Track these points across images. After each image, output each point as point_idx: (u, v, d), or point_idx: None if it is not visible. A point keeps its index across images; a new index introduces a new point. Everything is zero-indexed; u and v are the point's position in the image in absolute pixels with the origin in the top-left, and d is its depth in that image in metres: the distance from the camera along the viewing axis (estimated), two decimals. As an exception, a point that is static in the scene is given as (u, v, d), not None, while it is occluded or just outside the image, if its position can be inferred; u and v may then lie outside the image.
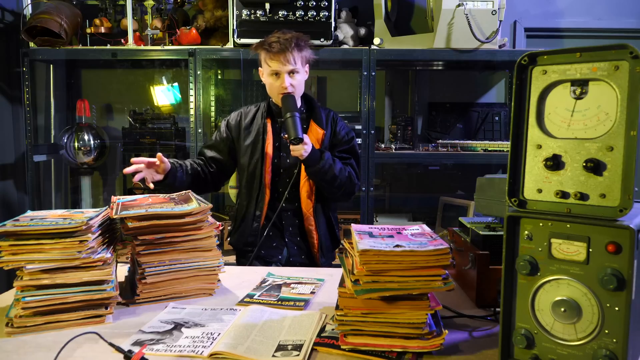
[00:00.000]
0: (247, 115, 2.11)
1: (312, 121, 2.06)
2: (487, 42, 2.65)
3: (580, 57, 0.89)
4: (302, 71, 2.01)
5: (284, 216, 2.06)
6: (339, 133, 2.10)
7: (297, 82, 1.98)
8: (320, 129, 2.05)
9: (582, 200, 0.88)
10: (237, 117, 2.12)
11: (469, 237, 1.46)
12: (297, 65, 1.95)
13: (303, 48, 1.98)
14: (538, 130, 0.94)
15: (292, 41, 1.93)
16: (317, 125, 2.05)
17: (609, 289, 0.85)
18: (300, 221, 2.07)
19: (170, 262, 1.39)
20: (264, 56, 1.98)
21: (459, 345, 1.11)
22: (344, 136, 2.11)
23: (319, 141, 2.03)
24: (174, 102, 3.29)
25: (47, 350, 1.08)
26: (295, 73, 1.97)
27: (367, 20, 2.96)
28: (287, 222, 2.07)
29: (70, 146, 3.13)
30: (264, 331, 1.15)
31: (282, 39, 1.92)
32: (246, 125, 2.08)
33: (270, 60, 1.95)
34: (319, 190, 2.04)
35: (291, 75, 1.96)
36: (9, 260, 1.19)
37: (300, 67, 1.97)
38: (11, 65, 3.15)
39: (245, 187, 2.10)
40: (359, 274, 1.06)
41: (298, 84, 1.99)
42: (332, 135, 2.09)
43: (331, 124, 2.09)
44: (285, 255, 2.09)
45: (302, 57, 1.98)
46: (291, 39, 1.93)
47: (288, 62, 1.92)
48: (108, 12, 3.03)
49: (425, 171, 3.36)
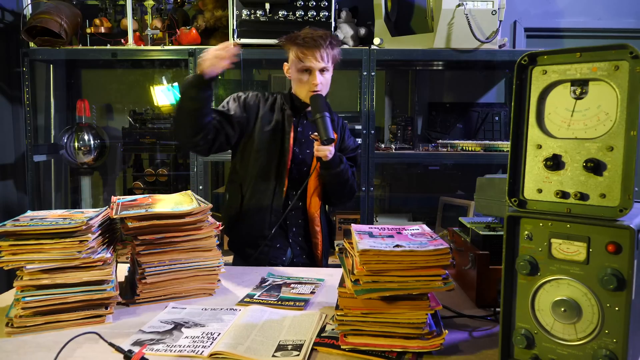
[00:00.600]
0: (267, 102, 2.01)
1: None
2: (487, 42, 2.65)
3: (580, 57, 0.89)
4: (331, 70, 1.97)
5: (288, 215, 2.01)
6: (347, 141, 2.11)
7: (326, 80, 1.95)
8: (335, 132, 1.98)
9: (582, 200, 0.88)
10: (255, 100, 2.01)
11: (469, 237, 1.46)
12: (328, 63, 1.92)
13: (335, 47, 1.94)
14: (538, 130, 0.94)
15: (327, 39, 1.89)
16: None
17: (609, 289, 0.85)
18: (304, 221, 2.03)
19: (170, 262, 1.39)
20: (295, 51, 1.90)
21: (459, 345, 1.11)
22: (350, 145, 2.12)
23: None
24: (174, 102, 3.29)
25: (47, 350, 1.08)
26: (326, 71, 1.93)
27: (367, 20, 2.95)
28: (291, 221, 2.02)
29: (70, 146, 3.13)
30: (264, 331, 1.16)
31: (316, 35, 1.88)
32: (265, 113, 1.99)
33: (302, 55, 1.88)
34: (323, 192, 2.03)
35: (322, 73, 1.92)
36: (9, 260, 1.19)
37: (330, 66, 1.94)
38: (11, 65, 3.15)
39: (258, 177, 1.97)
40: (359, 274, 1.06)
41: (327, 82, 1.96)
42: (341, 142, 2.08)
43: (340, 130, 2.08)
44: (289, 256, 2.03)
45: (333, 57, 1.94)
46: (325, 36, 1.89)
47: (322, 59, 1.88)
48: (108, 12, 3.03)
49: (425, 171, 3.35)
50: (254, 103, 2.01)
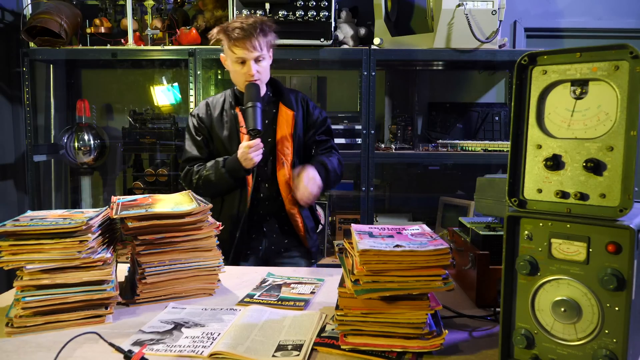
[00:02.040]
0: (216, 107, 2.03)
1: (281, 104, 2.00)
2: (487, 42, 2.65)
3: (580, 57, 0.89)
4: (267, 57, 1.94)
5: (261, 205, 2.01)
6: (313, 114, 2.06)
7: (263, 68, 1.92)
8: (290, 110, 1.99)
9: (582, 200, 0.88)
10: (205, 109, 2.03)
11: (469, 237, 1.46)
12: (262, 51, 1.88)
13: (268, 33, 1.91)
14: (538, 130, 0.94)
15: (257, 26, 1.85)
16: (286, 107, 2.00)
17: (609, 289, 0.85)
18: (279, 207, 2.00)
19: (170, 262, 1.39)
20: (227, 42, 1.89)
21: (459, 345, 1.11)
22: (318, 116, 2.07)
23: (289, 123, 1.98)
24: (174, 102, 3.29)
25: (47, 350, 1.08)
26: (261, 60, 1.90)
27: (367, 20, 2.96)
28: (264, 210, 2.01)
29: (70, 146, 3.13)
30: (264, 331, 1.15)
31: (246, 24, 1.85)
32: (217, 117, 2.01)
33: (234, 47, 1.86)
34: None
35: (257, 62, 1.89)
36: (9, 260, 1.19)
37: (265, 53, 1.91)
38: (11, 65, 3.15)
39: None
40: (359, 274, 1.06)
41: (264, 70, 1.93)
42: (306, 115, 2.05)
43: (302, 104, 2.05)
44: (265, 245, 2.03)
45: (267, 42, 1.91)
46: (255, 24, 1.86)
47: (254, 49, 1.85)
48: (108, 12, 3.03)
49: (425, 171, 3.36)
50: (206, 114, 2.03)
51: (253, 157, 1.83)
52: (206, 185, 1.95)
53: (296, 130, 1.99)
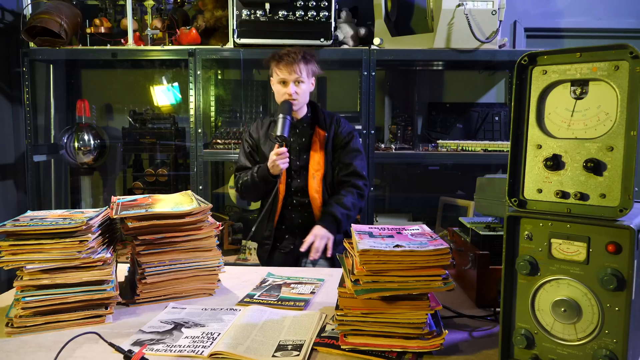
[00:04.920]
0: (264, 124, 2.29)
1: (317, 126, 2.23)
2: (487, 42, 2.65)
3: (580, 57, 0.89)
4: (308, 82, 2.18)
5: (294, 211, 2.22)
6: (341, 133, 2.26)
7: (302, 91, 2.15)
8: (323, 130, 2.22)
9: (582, 200, 0.88)
10: (256, 126, 2.32)
11: (469, 237, 1.46)
12: (302, 75, 2.13)
13: (309, 61, 2.17)
14: (538, 130, 0.94)
15: (299, 54, 2.13)
16: (320, 129, 2.23)
17: (609, 289, 0.85)
18: (309, 214, 2.21)
19: (170, 262, 1.39)
20: (274, 67, 2.17)
21: (459, 345, 1.11)
22: (345, 135, 2.26)
23: (322, 142, 2.21)
24: (174, 102, 3.29)
25: (47, 350, 1.08)
26: (301, 82, 2.14)
27: (367, 20, 2.95)
28: (296, 215, 2.22)
29: (70, 146, 3.13)
30: (264, 331, 1.15)
31: (291, 52, 2.14)
32: (263, 133, 2.27)
33: (278, 69, 2.14)
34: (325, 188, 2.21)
35: (296, 84, 2.13)
36: (9, 260, 1.19)
37: (305, 78, 2.15)
38: (11, 65, 3.15)
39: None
40: (359, 274, 1.06)
41: (302, 92, 2.16)
42: (335, 135, 2.25)
43: (334, 125, 2.26)
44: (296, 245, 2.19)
45: (308, 70, 2.17)
46: (298, 52, 2.14)
47: (294, 72, 2.12)
48: (108, 12, 3.03)
49: (425, 171, 3.35)
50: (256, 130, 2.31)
51: (280, 164, 2.07)
52: (245, 188, 2.23)
53: (327, 148, 2.23)
